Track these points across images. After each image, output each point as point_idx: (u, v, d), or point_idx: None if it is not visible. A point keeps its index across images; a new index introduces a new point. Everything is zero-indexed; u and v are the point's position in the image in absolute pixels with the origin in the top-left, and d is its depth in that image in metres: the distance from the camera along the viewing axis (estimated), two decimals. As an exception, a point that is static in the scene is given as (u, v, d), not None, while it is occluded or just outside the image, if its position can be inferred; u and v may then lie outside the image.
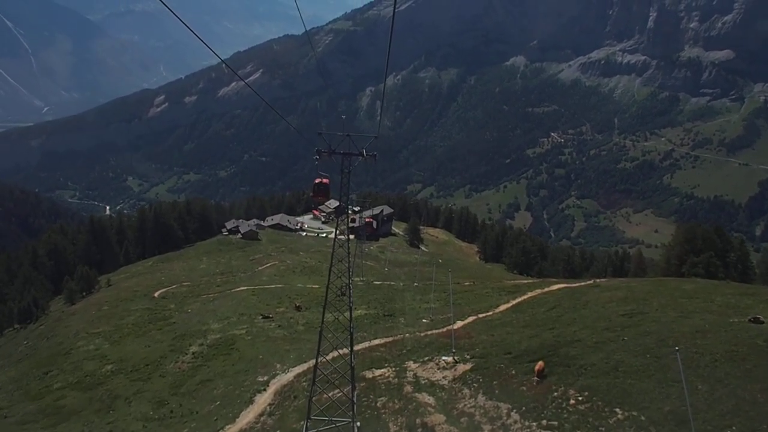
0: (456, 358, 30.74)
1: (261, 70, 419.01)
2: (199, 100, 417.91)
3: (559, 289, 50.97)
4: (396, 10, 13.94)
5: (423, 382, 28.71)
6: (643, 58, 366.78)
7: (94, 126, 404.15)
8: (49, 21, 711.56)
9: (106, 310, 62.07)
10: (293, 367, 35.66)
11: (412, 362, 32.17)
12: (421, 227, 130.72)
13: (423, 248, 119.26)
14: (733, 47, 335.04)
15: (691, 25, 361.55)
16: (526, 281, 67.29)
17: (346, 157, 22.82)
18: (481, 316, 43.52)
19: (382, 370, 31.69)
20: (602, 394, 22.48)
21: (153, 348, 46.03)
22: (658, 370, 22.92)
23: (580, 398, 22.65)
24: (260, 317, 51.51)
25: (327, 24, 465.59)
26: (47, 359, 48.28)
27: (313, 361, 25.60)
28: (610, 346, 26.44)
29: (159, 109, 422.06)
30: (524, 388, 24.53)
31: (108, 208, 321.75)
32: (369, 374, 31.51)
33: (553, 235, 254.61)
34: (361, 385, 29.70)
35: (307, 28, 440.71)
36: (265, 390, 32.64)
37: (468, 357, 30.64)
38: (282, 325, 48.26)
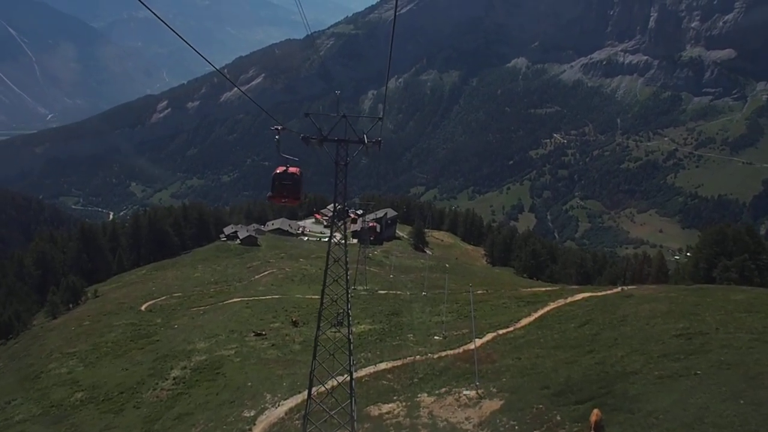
0: (480, 391, 25.40)
1: (263, 75, 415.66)
2: (202, 105, 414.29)
3: (584, 299, 45.69)
4: (397, 13, 13.69)
5: (441, 424, 23.28)
6: (645, 58, 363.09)
7: (97, 132, 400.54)
8: (53, 28, 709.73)
9: (87, 325, 56.98)
10: (285, 399, 30.38)
11: (425, 395, 26.85)
12: (426, 230, 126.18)
13: (428, 252, 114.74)
14: (734, 46, 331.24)
15: (693, 25, 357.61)
16: (543, 289, 61.93)
17: (342, 145, 17.48)
18: (501, 332, 38.28)
19: (390, 406, 26.38)
20: (689, 460, 16.11)
21: (131, 371, 40.88)
22: (762, 423, 16.58)
23: (658, 466, 16.42)
24: (252, 334, 46.37)
25: (328, 28, 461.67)
26: (14, 384, 43.10)
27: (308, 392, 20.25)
28: (682, 383, 20.50)
29: (162, 115, 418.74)
30: (576, 442, 18.92)
31: (111, 214, 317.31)
32: (375, 411, 26.21)
33: (557, 236, 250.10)
34: (366, 426, 24.45)
35: (309, 32, 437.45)
36: (250, 430, 27.39)
37: (494, 390, 25.21)
38: (276, 344, 43.06)
